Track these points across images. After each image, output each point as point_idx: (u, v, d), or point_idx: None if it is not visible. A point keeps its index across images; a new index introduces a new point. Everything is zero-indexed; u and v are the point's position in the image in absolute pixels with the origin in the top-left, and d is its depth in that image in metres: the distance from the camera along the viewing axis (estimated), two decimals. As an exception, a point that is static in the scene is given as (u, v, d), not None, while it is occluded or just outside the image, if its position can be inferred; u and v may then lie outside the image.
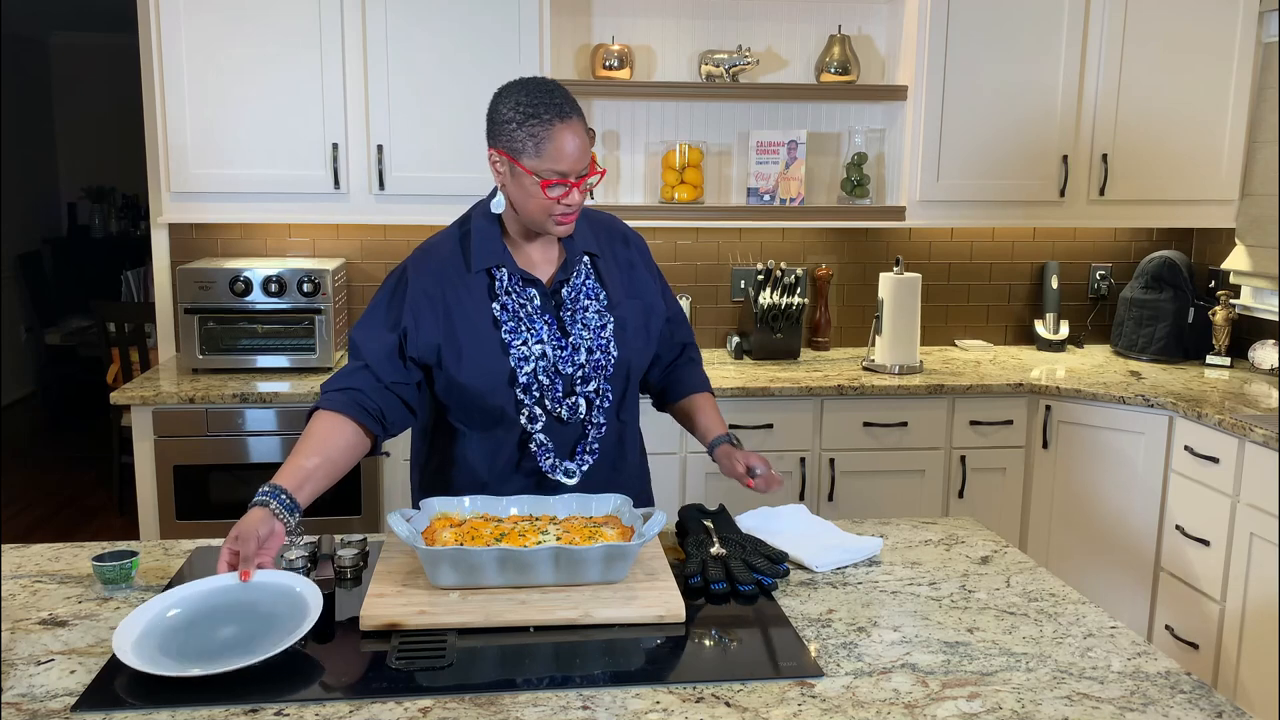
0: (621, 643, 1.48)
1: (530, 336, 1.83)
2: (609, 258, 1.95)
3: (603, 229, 1.98)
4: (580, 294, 1.88)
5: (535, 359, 1.83)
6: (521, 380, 1.82)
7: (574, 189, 1.77)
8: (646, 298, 1.97)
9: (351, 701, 1.32)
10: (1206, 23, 3.47)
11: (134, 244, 7.56)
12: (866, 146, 3.69)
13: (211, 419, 3.04)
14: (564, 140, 1.73)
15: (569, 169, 1.75)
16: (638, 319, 1.94)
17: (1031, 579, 1.75)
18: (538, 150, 1.73)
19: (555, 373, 1.84)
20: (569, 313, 1.86)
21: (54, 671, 1.39)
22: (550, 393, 1.84)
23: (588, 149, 1.77)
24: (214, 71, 3.17)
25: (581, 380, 1.86)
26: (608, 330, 1.88)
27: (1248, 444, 2.80)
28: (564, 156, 1.74)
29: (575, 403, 1.86)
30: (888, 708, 1.32)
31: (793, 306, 3.54)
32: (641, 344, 1.94)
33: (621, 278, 1.95)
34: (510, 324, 1.83)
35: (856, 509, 3.25)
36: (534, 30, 3.23)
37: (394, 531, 1.63)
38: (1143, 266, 3.74)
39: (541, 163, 1.74)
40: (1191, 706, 1.34)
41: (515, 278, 1.85)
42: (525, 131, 1.73)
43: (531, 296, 1.85)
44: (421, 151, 3.27)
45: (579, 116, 1.77)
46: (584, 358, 1.86)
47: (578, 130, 1.75)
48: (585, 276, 1.90)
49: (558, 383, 1.84)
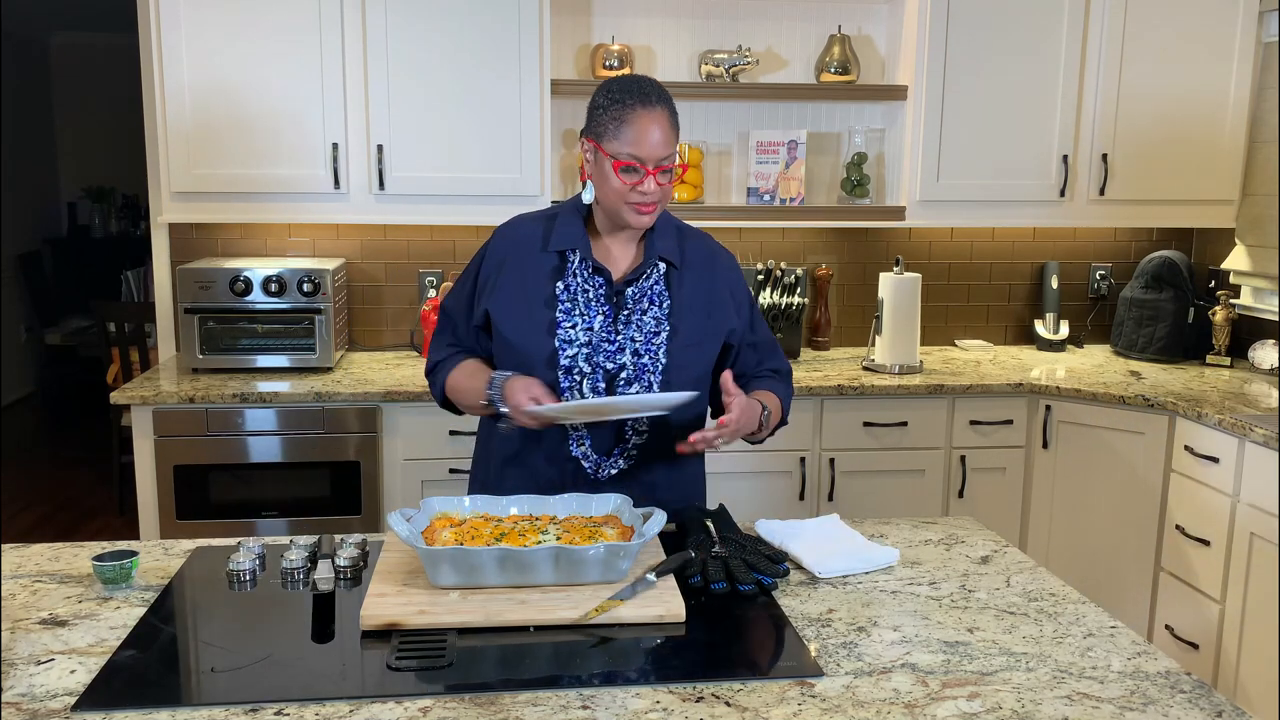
0: (621, 643, 1.48)
1: (580, 322, 1.86)
2: (687, 271, 1.94)
3: (692, 242, 1.98)
4: (644, 297, 1.89)
5: (579, 344, 1.85)
6: (563, 363, 1.85)
7: (649, 176, 1.78)
8: (716, 318, 1.95)
9: (351, 701, 1.31)
10: (1206, 23, 3.47)
11: (134, 244, 7.56)
12: (866, 146, 3.69)
13: (211, 419, 3.04)
14: (643, 125, 1.76)
15: (645, 155, 1.77)
16: (695, 335, 1.92)
17: (1031, 579, 1.75)
18: (617, 133, 1.78)
19: (596, 364, 1.86)
20: (626, 312, 1.88)
21: (54, 671, 1.39)
22: (590, 381, 1.86)
23: (670, 141, 1.79)
24: (214, 71, 3.17)
25: (624, 381, 1.87)
26: (661, 337, 1.88)
27: (1248, 444, 2.80)
28: (641, 141, 1.76)
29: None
30: (888, 707, 1.32)
31: (793, 306, 3.54)
32: (693, 359, 1.91)
33: (694, 293, 1.93)
34: (566, 305, 1.86)
35: (856, 509, 3.25)
36: (534, 30, 3.23)
37: (394, 531, 1.63)
38: (1143, 266, 3.74)
39: (620, 145, 1.78)
40: (1191, 706, 1.34)
41: (586, 264, 1.87)
42: (610, 115, 1.78)
43: (597, 285, 1.88)
44: (421, 151, 3.27)
45: (667, 109, 1.80)
46: (628, 359, 1.87)
47: (660, 120, 1.77)
48: (655, 281, 1.90)
49: (598, 373, 1.86)
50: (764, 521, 1.94)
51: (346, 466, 3.10)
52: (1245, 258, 3.61)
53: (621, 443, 1.92)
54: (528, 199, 3.29)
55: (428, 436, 3.10)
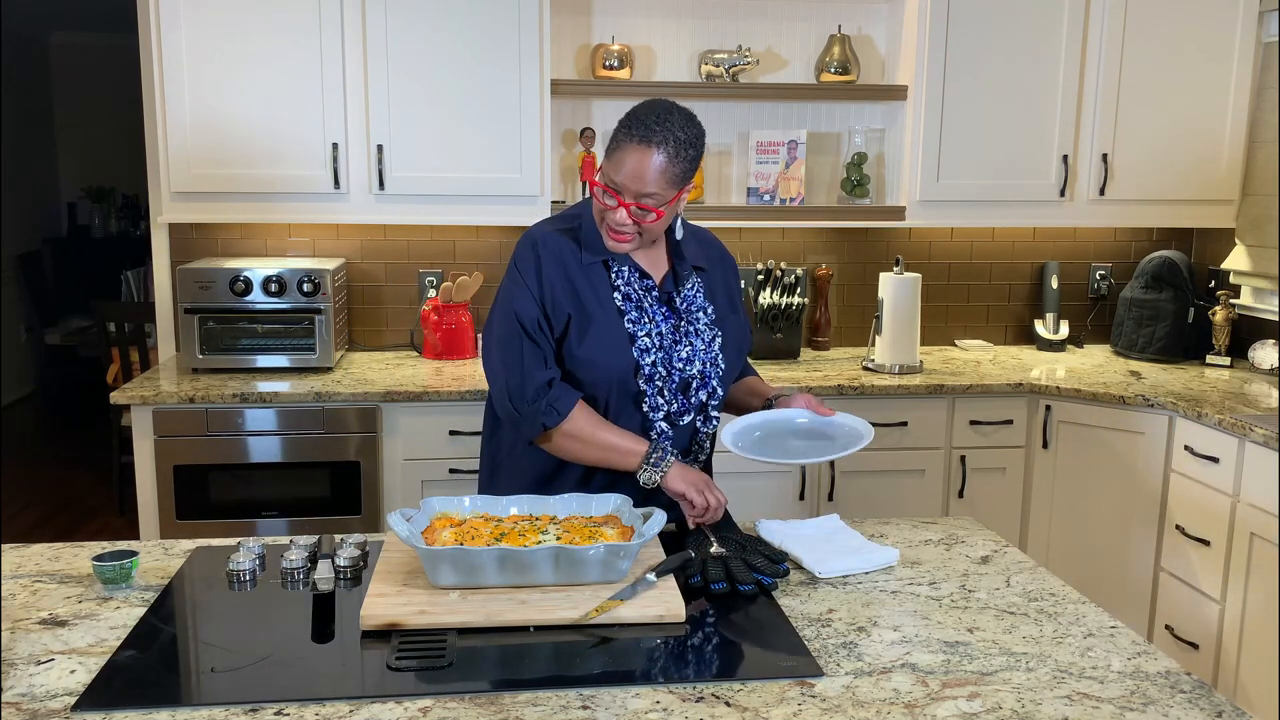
0: (621, 643, 1.48)
1: (652, 328, 1.87)
2: (712, 274, 1.99)
3: (708, 246, 2.03)
4: (692, 305, 1.92)
5: (654, 350, 1.87)
6: (645, 371, 1.86)
7: (622, 207, 1.79)
8: (741, 316, 2.03)
9: (351, 701, 1.31)
10: (1206, 23, 3.47)
11: (134, 244, 7.56)
12: (866, 146, 3.69)
13: (211, 419, 3.04)
14: (629, 158, 1.77)
15: (621, 181, 1.77)
16: (734, 335, 1.98)
17: (1031, 579, 1.75)
18: (610, 155, 1.81)
19: (671, 367, 1.88)
20: (684, 322, 1.91)
21: (54, 671, 1.39)
22: (669, 385, 1.88)
23: (652, 182, 1.77)
24: (214, 71, 3.17)
25: (695, 389, 1.91)
26: (715, 344, 1.92)
27: (1248, 444, 2.80)
28: (620, 168, 1.77)
29: (687, 404, 1.90)
30: (888, 707, 1.32)
31: (793, 306, 3.54)
32: (736, 359, 1.99)
33: (722, 295, 2.00)
34: (634, 313, 1.87)
35: (856, 509, 3.25)
36: (534, 30, 3.23)
37: (394, 531, 1.63)
38: (1143, 266, 3.74)
39: (608, 168, 1.80)
40: (1191, 706, 1.34)
41: (633, 270, 1.89)
42: (614, 137, 1.81)
43: (649, 287, 1.90)
44: (421, 151, 3.27)
45: (664, 153, 1.76)
46: (696, 368, 1.90)
47: (647, 158, 1.76)
48: (696, 290, 1.94)
49: (674, 377, 1.88)
50: (764, 521, 1.94)
51: (346, 466, 3.10)
52: (1245, 258, 3.61)
53: (698, 448, 1.97)
54: (528, 199, 3.29)
55: (428, 436, 3.10)
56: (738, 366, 2.01)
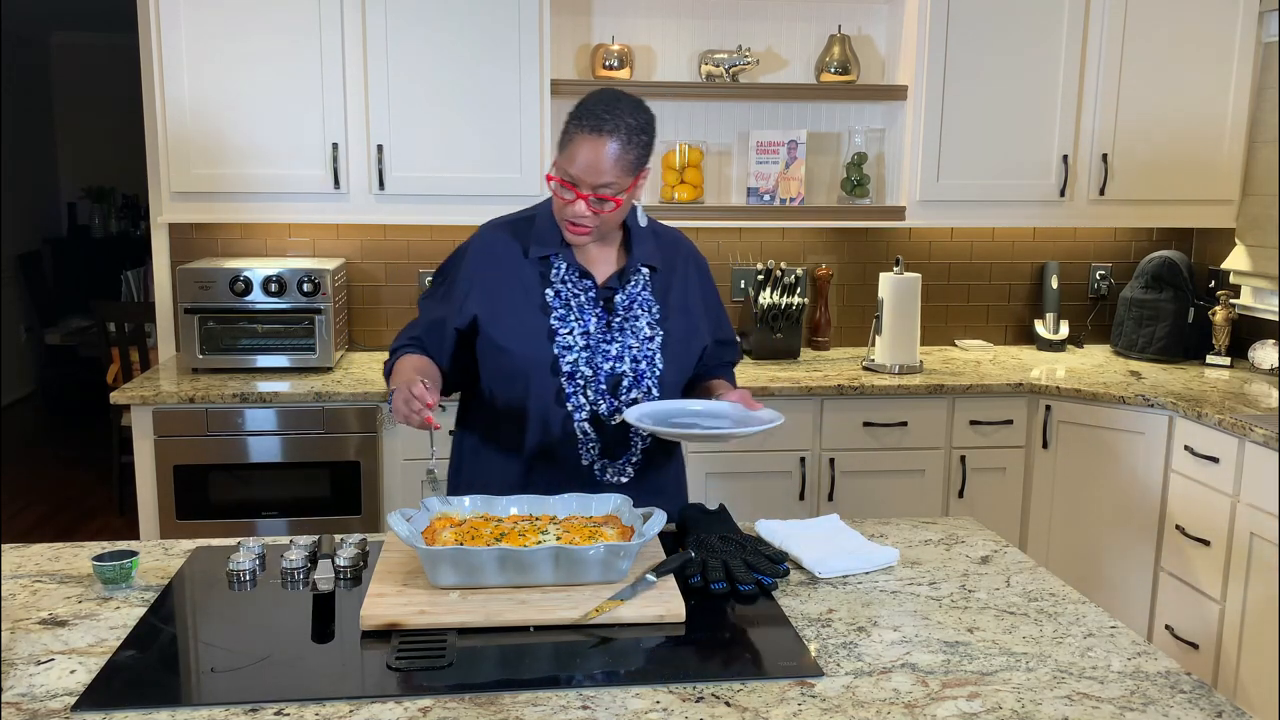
0: (621, 643, 1.48)
1: (577, 327, 1.87)
2: (669, 274, 1.97)
3: (670, 245, 2.01)
4: (634, 303, 1.91)
5: (578, 349, 1.86)
6: (565, 369, 1.86)
7: (580, 200, 1.79)
8: (695, 316, 1.99)
9: (351, 701, 1.31)
10: (1206, 23, 3.47)
11: (134, 244, 7.56)
12: (866, 146, 3.69)
13: (211, 419, 3.04)
14: (581, 149, 1.77)
15: (576, 174, 1.77)
16: (683, 336, 1.96)
17: (1031, 579, 1.75)
18: (563, 148, 1.80)
19: (596, 366, 1.87)
20: (619, 319, 1.89)
21: (54, 671, 1.39)
22: (594, 384, 1.87)
23: (608, 172, 1.77)
24: (214, 71, 3.17)
25: (625, 388, 1.89)
26: (655, 343, 1.91)
27: (1248, 444, 2.80)
28: (574, 161, 1.77)
29: (617, 404, 1.89)
30: (888, 707, 1.32)
31: (793, 306, 3.54)
32: (683, 360, 1.96)
33: (677, 295, 1.97)
34: (560, 311, 1.87)
35: (856, 509, 3.25)
36: (534, 30, 3.23)
37: (394, 531, 1.63)
38: (1143, 266, 3.74)
39: (561, 161, 1.80)
40: (1191, 706, 1.34)
41: (572, 269, 1.88)
42: (565, 130, 1.81)
43: (586, 288, 1.89)
44: (421, 151, 3.27)
45: (617, 140, 1.77)
46: (628, 365, 1.88)
47: (600, 148, 1.76)
48: (641, 288, 1.92)
49: (600, 377, 1.87)
50: (764, 521, 1.94)
51: (346, 466, 3.10)
52: (1245, 258, 3.61)
53: (629, 450, 1.93)
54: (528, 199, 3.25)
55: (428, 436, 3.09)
56: (685, 366, 1.98)
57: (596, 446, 1.91)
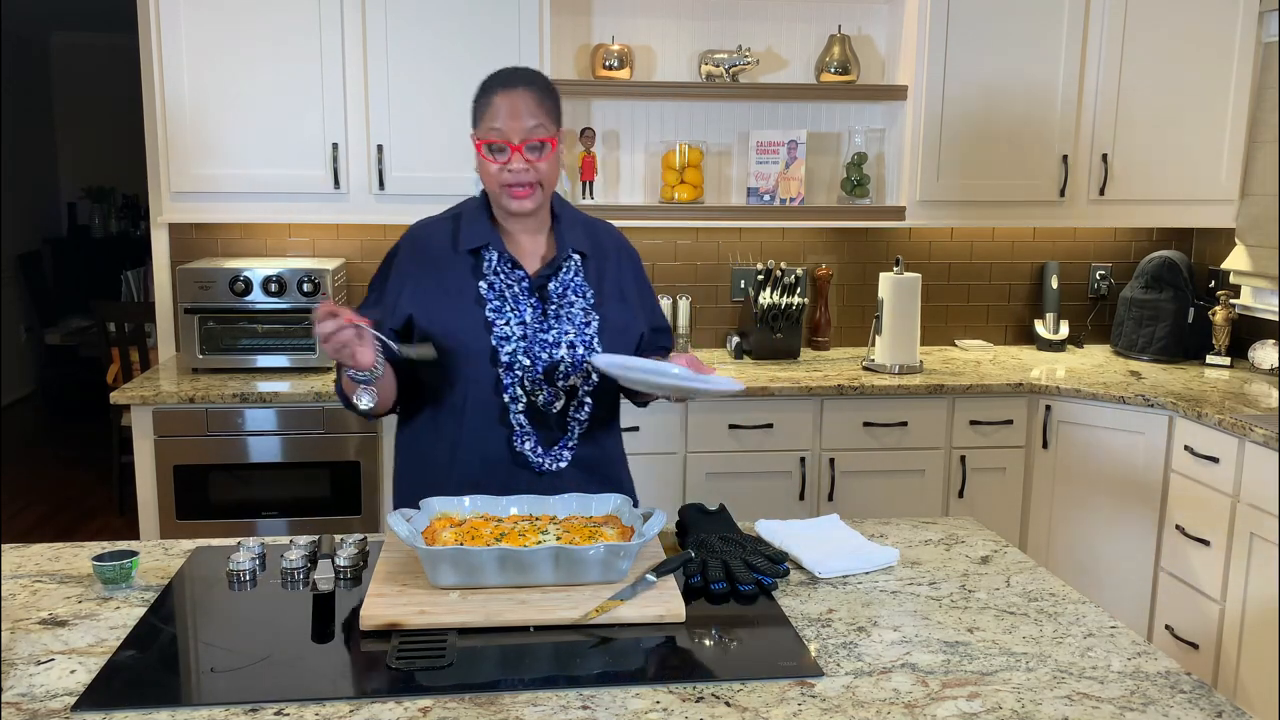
0: (621, 643, 1.48)
1: (514, 317, 1.87)
2: (601, 260, 1.98)
3: (600, 234, 2.02)
4: (568, 289, 1.91)
5: (516, 339, 1.86)
6: (504, 360, 1.85)
7: (515, 153, 1.80)
8: (631, 303, 2.00)
9: (351, 701, 1.31)
10: (1206, 22, 3.47)
11: (134, 244, 7.56)
12: (866, 146, 3.69)
13: (211, 419, 3.04)
14: (500, 103, 1.80)
15: (505, 128, 1.79)
16: (620, 322, 1.96)
17: (1031, 579, 1.75)
18: (481, 116, 1.82)
19: (535, 355, 1.87)
20: (554, 306, 1.89)
21: (54, 671, 1.39)
22: (530, 374, 1.87)
23: (533, 114, 1.80)
24: (214, 71, 3.17)
25: (563, 374, 1.89)
26: (592, 328, 1.91)
27: (1248, 444, 2.80)
28: (497, 115, 1.79)
29: (555, 392, 1.89)
30: (888, 708, 1.32)
31: (793, 306, 3.54)
32: (621, 345, 1.96)
33: (611, 283, 1.98)
34: (495, 303, 1.87)
35: (856, 509, 3.25)
36: (534, 30, 3.23)
37: (394, 531, 1.63)
38: (1143, 266, 3.74)
39: (482, 128, 1.81)
40: (1191, 706, 1.34)
41: (504, 259, 1.89)
42: (476, 104, 1.83)
43: (519, 278, 1.89)
44: (421, 151, 3.27)
45: (531, 89, 1.81)
46: (564, 352, 1.88)
47: (519, 97, 1.80)
48: (574, 274, 1.93)
49: (538, 365, 1.87)
50: (764, 521, 1.94)
51: (346, 466, 3.10)
52: (1245, 258, 3.61)
53: (566, 434, 1.93)
54: (528, 199, 3.29)
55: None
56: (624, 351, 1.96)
57: (533, 436, 1.90)
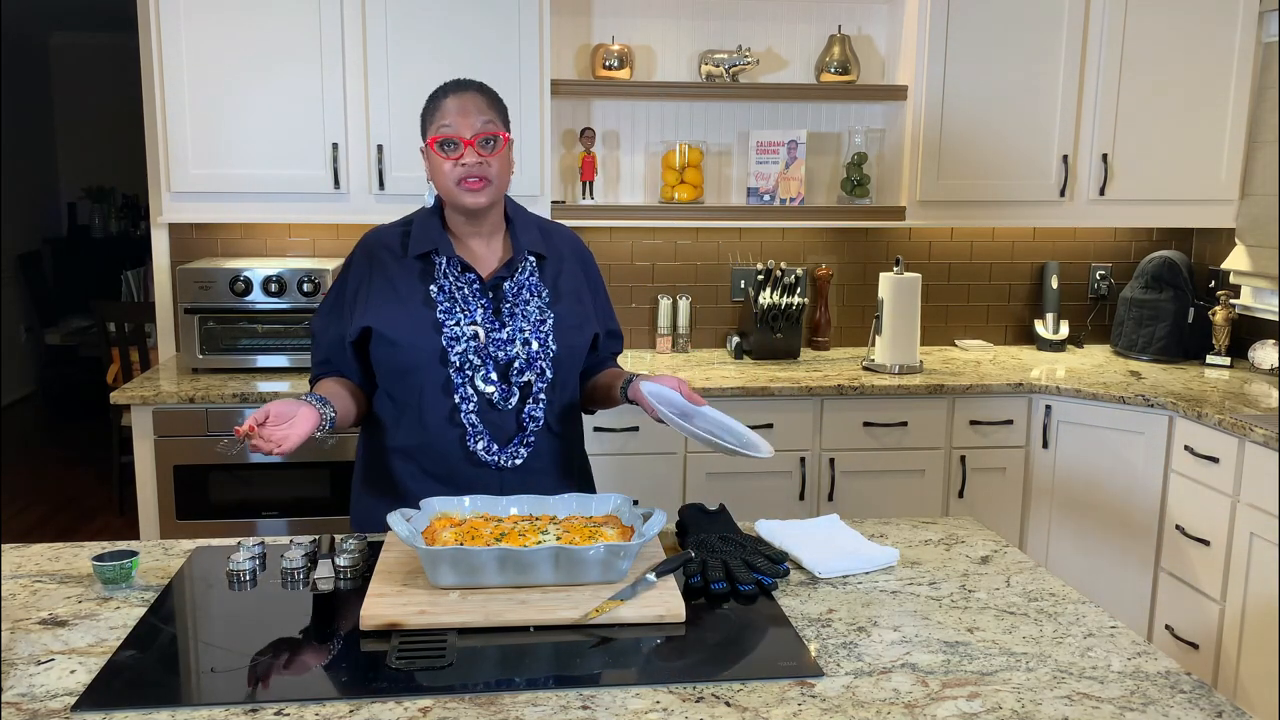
0: (621, 643, 1.48)
1: (464, 318, 1.89)
2: (557, 262, 2.01)
3: (555, 237, 2.06)
4: (523, 289, 1.95)
5: (467, 339, 1.88)
6: (454, 360, 1.87)
7: (468, 147, 1.84)
8: (586, 303, 2.03)
9: (351, 701, 1.31)
10: (1206, 23, 3.47)
11: (134, 244, 7.56)
12: (866, 146, 3.69)
13: (211, 419, 3.04)
14: (449, 104, 1.86)
15: (453, 123, 1.84)
16: (575, 320, 1.99)
17: (1031, 579, 1.75)
18: (431, 119, 1.87)
19: (487, 355, 1.89)
20: (509, 305, 1.92)
21: (54, 671, 1.39)
22: (483, 373, 1.89)
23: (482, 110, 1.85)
24: (214, 71, 3.17)
25: (517, 371, 1.91)
26: (548, 325, 1.94)
27: (1248, 444, 2.80)
28: (448, 114, 1.84)
29: (508, 390, 1.91)
30: (888, 708, 1.32)
31: (793, 306, 3.54)
32: (577, 343, 1.99)
33: (566, 281, 2.01)
34: (445, 305, 1.90)
35: (856, 509, 3.25)
36: (534, 30, 3.23)
37: (394, 531, 1.63)
38: (1143, 266, 3.74)
39: (433, 131, 1.86)
40: (1191, 706, 1.34)
41: (454, 263, 1.92)
42: (426, 112, 1.88)
43: (470, 281, 1.92)
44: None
45: (479, 91, 1.87)
46: (519, 348, 1.91)
47: (468, 98, 1.86)
48: (529, 274, 1.96)
49: (489, 365, 1.89)
50: (764, 521, 1.94)
51: (346, 466, 3.10)
52: (1245, 258, 3.61)
53: (522, 431, 1.94)
54: (528, 199, 3.29)
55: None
56: (579, 349, 2.00)
57: (485, 435, 1.91)
